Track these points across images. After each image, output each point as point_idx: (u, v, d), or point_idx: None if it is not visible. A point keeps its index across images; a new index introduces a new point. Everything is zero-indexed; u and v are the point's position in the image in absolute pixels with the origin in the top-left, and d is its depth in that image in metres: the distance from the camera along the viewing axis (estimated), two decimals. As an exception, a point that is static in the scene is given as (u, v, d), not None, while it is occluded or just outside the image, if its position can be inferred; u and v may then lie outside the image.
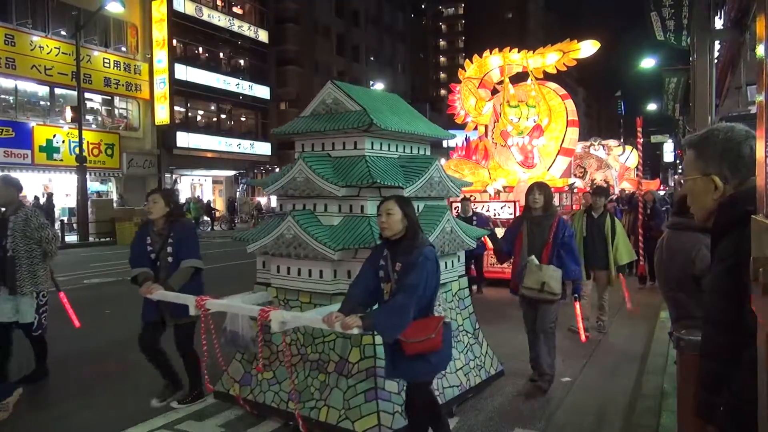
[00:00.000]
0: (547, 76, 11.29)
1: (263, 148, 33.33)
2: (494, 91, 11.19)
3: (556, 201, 11.53)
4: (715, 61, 9.96)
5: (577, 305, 4.84)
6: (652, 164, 62.79)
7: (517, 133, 10.85)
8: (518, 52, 10.60)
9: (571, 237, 4.70)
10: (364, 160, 3.76)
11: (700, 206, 1.70)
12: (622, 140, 26.55)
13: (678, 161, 34.78)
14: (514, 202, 10.10)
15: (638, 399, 4.35)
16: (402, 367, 2.97)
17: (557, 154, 11.36)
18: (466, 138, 11.54)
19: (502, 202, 10.51)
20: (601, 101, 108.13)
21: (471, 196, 10.27)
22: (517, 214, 9.02)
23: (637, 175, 20.81)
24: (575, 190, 11.66)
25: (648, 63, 21.11)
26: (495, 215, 10.36)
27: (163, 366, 4.34)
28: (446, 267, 4.18)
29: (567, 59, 10.30)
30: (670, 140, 37.07)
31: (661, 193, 16.94)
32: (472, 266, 9.20)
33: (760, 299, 1.18)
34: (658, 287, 3.66)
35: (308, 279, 3.85)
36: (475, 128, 11.18)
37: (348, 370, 3.60)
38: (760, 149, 1.21)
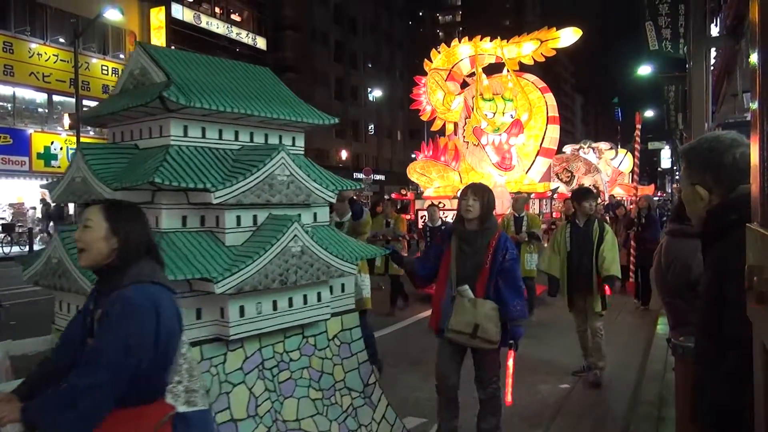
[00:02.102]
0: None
1: (263, 153, 32.53)
2: (464, 85, 9.75)
3: (536, 208, 10.05)
4: (711, 68, 9.50)
5: (511, 356, 3.34)
6: (649, 170, 60.92)
7: (492, 130, 9.41)
8: (491, 40, 9.17)
9: (513, 261, 3.26)
10: (165, 152, 2.40)
11: (693, 215, 1.64)
12: (618, 145, 25.13)
13: (675, 168, 33.30)
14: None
15: (637, 406, 4.21)
16: None
17: (536, 154, 9.94)
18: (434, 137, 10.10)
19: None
20: (599, 108, 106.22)
21: (440, 202, 8.88)
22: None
23: (633, 180, 19.42)
24: (555, 196, 10.18)
25: (645, 70, 20.32)
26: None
27: None
28: (306, 302, 2.78)
29: (545, 49, 8.88)
30: (666, 146, 35.59)
31: (655, 199, 15.53)
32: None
33: (754, 308, 1.09)
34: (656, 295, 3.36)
35: (85, 325, 2.50)
36: (443, 127, 9.74)
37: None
38: (754, 156, 1.08)
